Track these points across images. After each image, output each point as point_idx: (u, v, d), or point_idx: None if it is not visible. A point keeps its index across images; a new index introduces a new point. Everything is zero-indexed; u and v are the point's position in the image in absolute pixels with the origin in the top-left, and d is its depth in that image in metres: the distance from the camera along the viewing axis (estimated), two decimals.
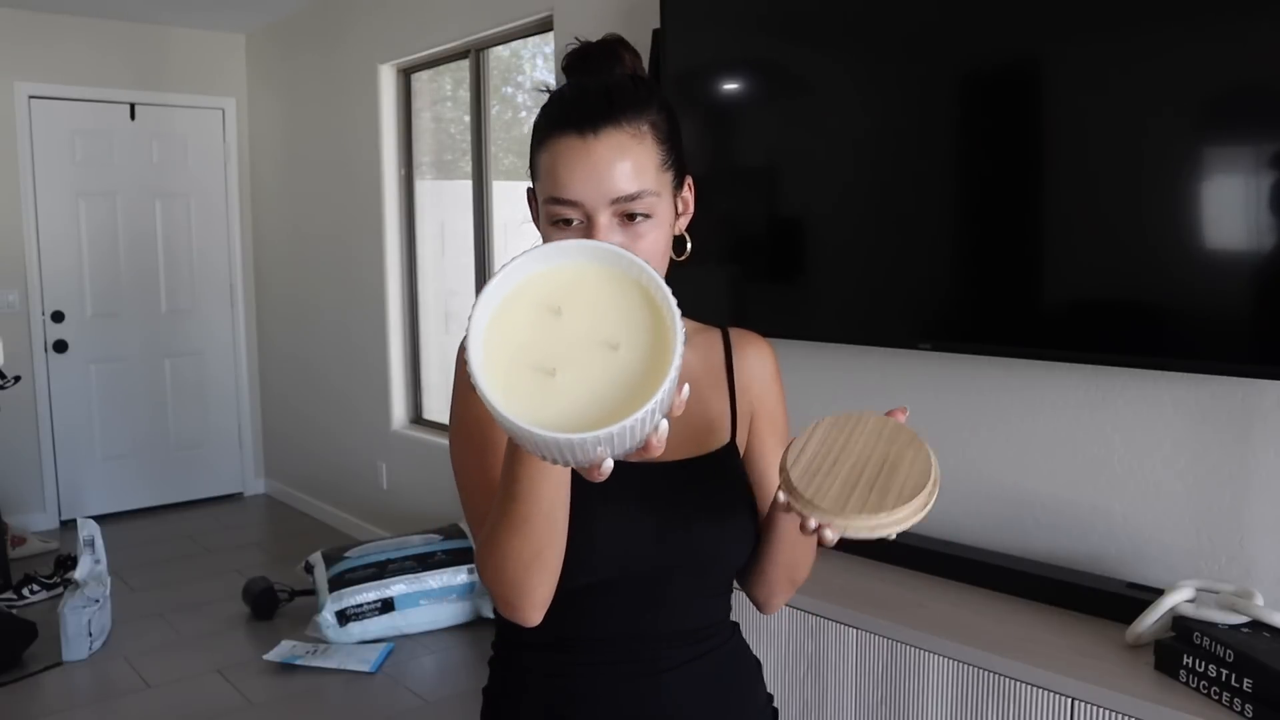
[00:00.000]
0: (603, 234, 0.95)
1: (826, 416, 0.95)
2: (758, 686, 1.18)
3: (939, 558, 2.16)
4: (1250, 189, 1.69)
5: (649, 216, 0.97)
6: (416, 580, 3.63)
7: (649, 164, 0.97)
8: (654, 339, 0.74)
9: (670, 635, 1.05)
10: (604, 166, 0.94)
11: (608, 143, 0.95)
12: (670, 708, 1.05)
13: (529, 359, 0.74)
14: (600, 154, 0.95)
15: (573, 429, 0.70)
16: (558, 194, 0.95)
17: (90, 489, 5.23)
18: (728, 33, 2.53)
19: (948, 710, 1.82)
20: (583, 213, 0.95)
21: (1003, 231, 2.02)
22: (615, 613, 1.03)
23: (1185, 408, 1.88)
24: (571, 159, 0.95)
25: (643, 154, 0.97)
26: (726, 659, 1.11)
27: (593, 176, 0.94)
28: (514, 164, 4.11)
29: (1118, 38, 1.81)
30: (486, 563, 0.93)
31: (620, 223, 0.96)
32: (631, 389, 0.72)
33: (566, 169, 0.95)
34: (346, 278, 4.85)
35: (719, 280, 2.54)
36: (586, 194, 0.94)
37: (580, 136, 0.95)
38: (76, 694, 3.26)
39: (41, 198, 5.00)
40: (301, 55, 5.05)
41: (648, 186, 0.96)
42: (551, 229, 0.98)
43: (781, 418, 1.17)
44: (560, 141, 0.96)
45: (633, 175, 0.95)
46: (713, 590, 1.10)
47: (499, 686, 1.11)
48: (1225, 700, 1.52)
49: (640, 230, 0.97)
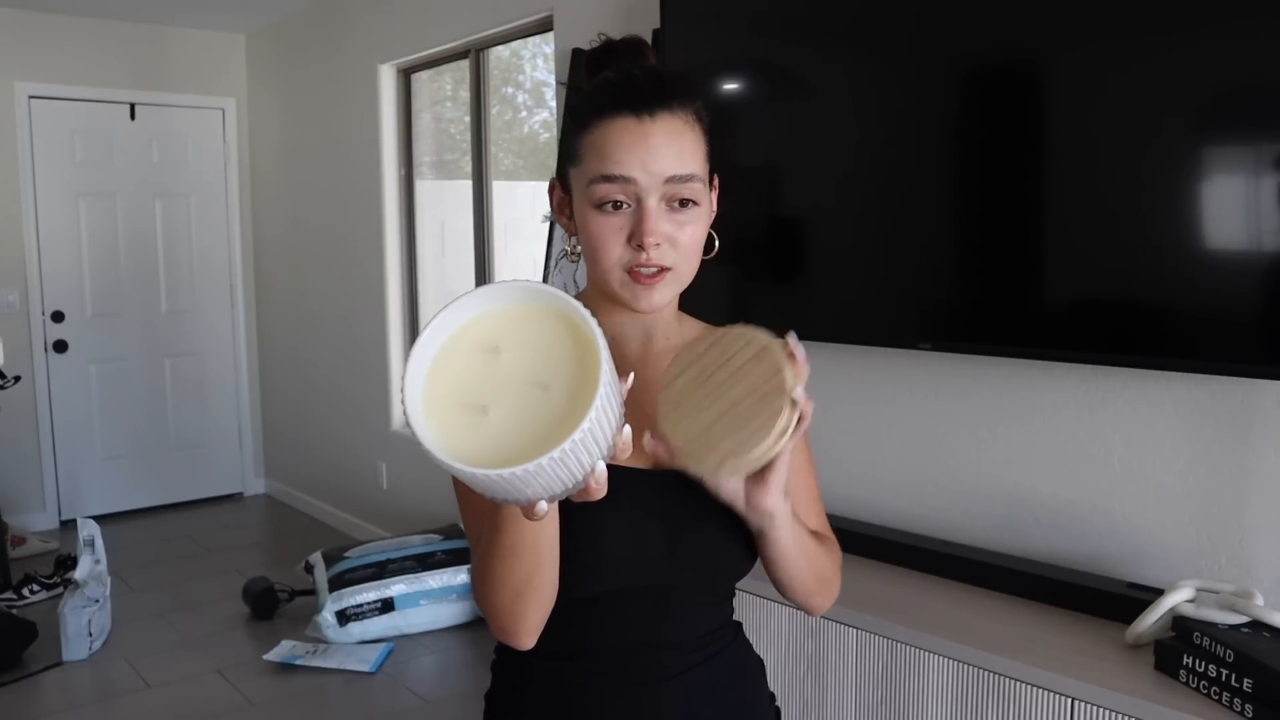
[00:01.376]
0: (651, 218, 0.94)
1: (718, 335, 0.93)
2: (761, 687, 1.17)
3: (939, 558, 2.16)
4: (1250, 189, 1.69)
5: (697, 204, 0.97)
6: (416, 580, 3.63)
7: (698, 151, 0.98)
8: (582, 380, 0.74)
9: (675, 643, 1.04)
10: (661, 147, 0.95)
11: (664, 125, 0.95)
12: (675, 715, 1.03)
13: (464, 398, 0.74)
14: (657, 136, 0.95)
15: (496, 465, 0.69)
16: (610, 171, 0.94)
17: (90, 489, 5.23)
18: (728, 33, 2.53)
19: (948, 710, 1.81)
20: (634, 193, 0.95)
21: (1003, 232, 2.02)
22: (620, 623, 1.01)
23: (1185, 408, 1.88)
24: (627, 138, 0.95)
25: (693, 140, 0.98)
26: (731, 662, 1.10)
27: (650, 155, 0.94)
28: (514, 164, 4.11)
29: (1117, 37, 1.81)
30: (480, 589, 0.94)
31: (669, 208, 0.96)
32: (556, 429, 0.72)
33: (620, 148, 0.95)
34: (346, 277, 4.85)
35: (719, 280, 2.54)
36: (641, 171, 0.94)
37: (636, 117, 0.95)
38: (76, 694, 3.26)
39: (41, 198, 5.00)
40: (301, 55, 5.05)
41: (698, 171, 0.97)
42: (595, 213, 0.96)
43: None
44: (614, 122, 0.95)
45: (687, 158, 0.96)
46: (718, 598, 1.09)
47: (501, 692, 1.10)
48: (1225, 700, 1.52)
49: (685, 218, 0.97)
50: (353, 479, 4.93)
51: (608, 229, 0.96)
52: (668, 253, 0.96)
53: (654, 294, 0.97)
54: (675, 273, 0.98)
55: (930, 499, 2.32)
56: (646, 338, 1.07)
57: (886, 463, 2.40)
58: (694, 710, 1.04)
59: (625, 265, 0.96)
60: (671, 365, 0.94)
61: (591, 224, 0.97)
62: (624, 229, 0.96)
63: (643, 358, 1.06)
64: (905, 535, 2.29)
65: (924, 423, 2.30)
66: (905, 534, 2.30)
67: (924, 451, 2.32)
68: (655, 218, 0.95)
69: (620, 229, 0.96)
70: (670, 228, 0.96)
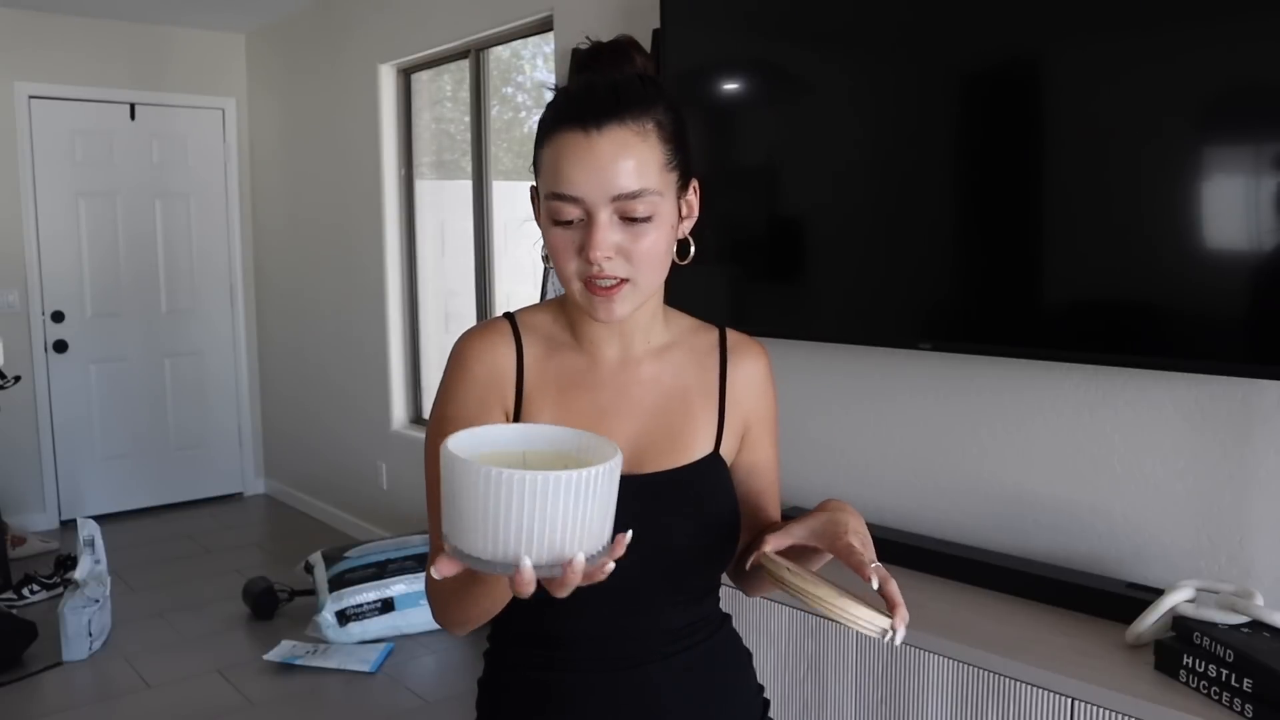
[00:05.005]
0: (601, 232, 0.95)
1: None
2: (747, 677, 1.18)
3: (939, 558, 2.16)
4: (1250, 189, 1.69)
5: (649, 219, 0.97)
6: (416, 580, 3.63)
7: (652, 163, 0.97)
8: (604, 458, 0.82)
9: (654, 633, 1.06)
10: (606, 162, 0.94)
11: (611, 139, 0.95)
12: (656, 697, 1.06)
13: (503, 460, 0.84)
14: (603, 149, 0.94)
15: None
16: (559, 189, 0.96)
17: (90, 489, 5.23)
18: (727, 33, 2.53)
19: (948, 710, 1.82)
20: (583, 209, 0.95)
21: (1002, 231, 2.02)
22: (598, 615, 1.04)
23: (1185, 408, 1.88)
24: (574, 154, 0.95)
25: (646, 152, 0.96)
26: (713, 650, 1.12)
27: (595, 172, 0.94)
28: (514, 164, 4.11)
29: (1116, 37, 1.81)
30: (433, 603, 1.02)
31: (621, 222, 0.96)
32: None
33: (569, 164, 0.95)
34: (347, 277, 4.85)
35: (719, 280, 2.54)
36: (588, 190, 0.94)
37: (584, 132, 0.95)
38: (76, 694, 3.26)
39: (41, 198, 5.00)
40: (301, 55, 5.05)
41: (650, 185, 0.96)
42: (552, 228, 0.98)
43: (773, 424, 1.18)
44: (564, 137, 0.96)
45: (635, 173, 0.95)
46: (696, 595, 1.10)
47: (491, 677, 1.13)
48: (1225, 700, 1.52)
49: (640, 230, 0.97)
50: (353, 479, 4.93)
51: (562, 242, 0.98)
52: (620, 265, 0.97)
53: (613, 305, 0.99)
54: (633, 284, 0.99)
55: (930, 499, 2.32)
56: (624, 343, 1.08)
57: (886, 462, 2.40)
58: (673, 693, 1.07)
59: (581, 277, 0.98)
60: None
61: (549, 237, 0.99)
62: (575, 242, 0.97)
63: (621, 362, 1.09)
64: (905, 535, 2.29)
65: (924, 423, 2.30)
66: (905, 534, 2.30)
67: (924, 451, 2.32)
68: (604, 231, 0.95)
69: (573, 242, 0.97)
70: (623, 239, 0.96)
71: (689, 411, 1.10)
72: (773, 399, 1.17)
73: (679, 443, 1.08)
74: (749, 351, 1.15)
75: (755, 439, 1.15)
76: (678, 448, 1.08)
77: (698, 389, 1.11)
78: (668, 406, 1.09)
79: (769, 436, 1.17)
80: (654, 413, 1.08)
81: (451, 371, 1.06)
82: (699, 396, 1.11)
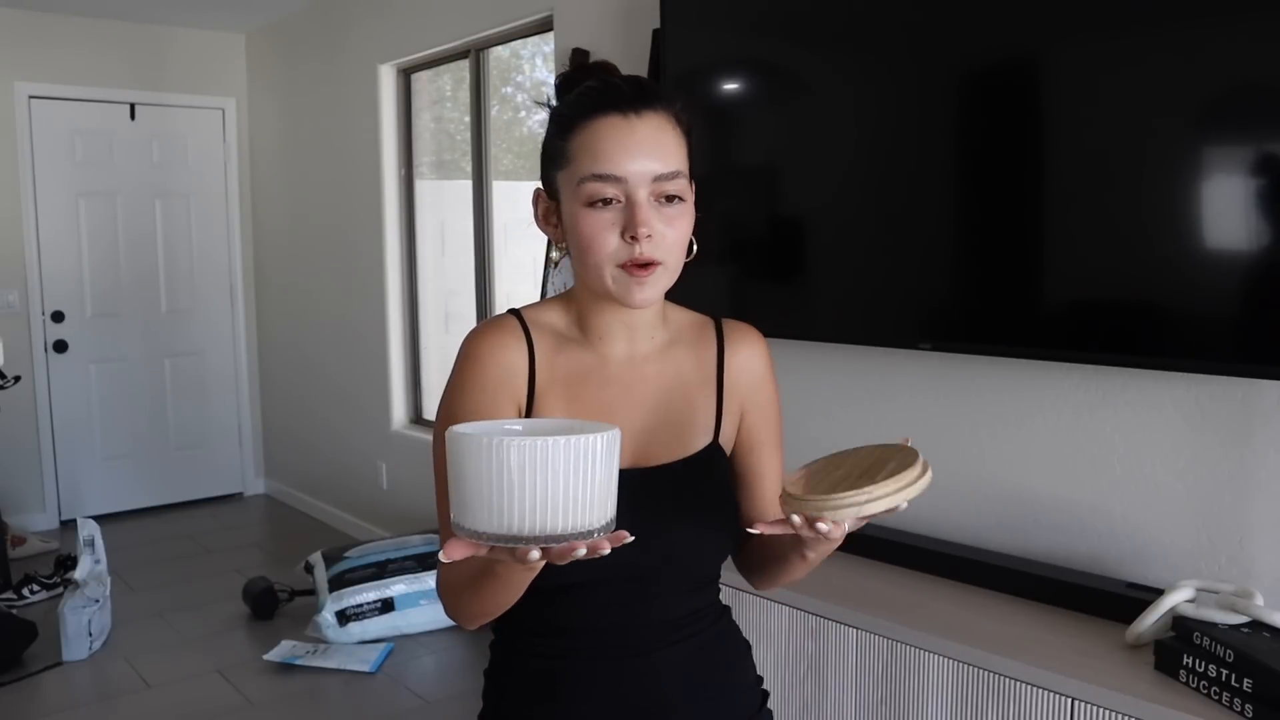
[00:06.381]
0: (642, 212, 0.98)
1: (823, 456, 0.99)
2: (746, 667, 1.20)
3: (939, 558, 2.16)
4: (1249, 188, 1.69)
5: (683, 200, 1.02)
6: (416, 580, 3.63)
7: (681, 151, 1.03)
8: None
9: (658, 624, 1.08)
10: (648, 144, 0.99)
11: (649, 123, 1.00)
12: (659, 685, 1.08)
13: None
14: (643, 132, 1.00)
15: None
16: (600, 170, 0.99)
17: (90, 489, 5.23)
18: (727, 33, 2.53)
19: (948, 710, 1.82)
20: (624, 190, 0.99)
21: (1002, 231, 2.02)
22: (603, 606, 1.06)
23: (1185, 408, 1.88)
24: (615, 136, 0.99)
25: (676, 140, 1.03)
26: (714, 641, 1.14)
27: (637, 153, 0.99)
28: (514, 164, 4.11)
29: (1116, 37, 1.81)
30: (441, 580, 1.02)
31: (658, 202, 1.00)
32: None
33: (610, 145, 0.99)
34: (347, 277, 4.85)
35: (719, 280, 2.54)
36: (630, 169, 0.98)
37: (623, 116, 1.00)
38: (76, 694, 3.26)
39: (41, 198, 5.00)
40: (301, 55, 5.05)
41: (682, 168, 1.02)
42: (586, 210, 1.00)
43: (775, 413, 1.19)
44: (603, 121, 1.00)
45: (672, 154, 1.01)
46: (698, 585, 1.13)
47: (498, 667, 1.15)
48: (1225, 700, 1.52)
49: (674, 213, 1.01)
50: (353, 479, 4.93)
51: (600, 225, 1.00)
52: (658, 246, 1.00)
53: (646, 288, 1.01)
54: (665, 267, 1.02)
55: (930, 499, 2.31)
56: (631, 339, 1.10)
57: None
58: (676, 682, 1.09)
59: (618, 260, 1.00)
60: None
61: (583, 222, 1.00)
62: (616, 224, 0.99)
63: (628, 358, 1.10)
64: (906, 535, 2.29)
65: (924, 423, 2.30)
66: (906, 534, 2.30)
67: (924, 451, 2.31)
68: (645, 211, 0.99)
69: (613, 224, 1.00)
70: (661, 221, 1.00)
71: (690, 405, 1.12)
72: (771, 381, 1.18)
73: (681, 436, 1.10)
74: (745, 338, 1.17)
75: (754, 422, 1.16)
76: (680, 441, 1.10)
77: (697, 381, 1.13)
78: (670, 401, 1.11)
79: (769, 419, 1.17)
80: (657, 408, 1.10)
81: (463, 369, 1.07)
82: (698, 388, 1.13)
